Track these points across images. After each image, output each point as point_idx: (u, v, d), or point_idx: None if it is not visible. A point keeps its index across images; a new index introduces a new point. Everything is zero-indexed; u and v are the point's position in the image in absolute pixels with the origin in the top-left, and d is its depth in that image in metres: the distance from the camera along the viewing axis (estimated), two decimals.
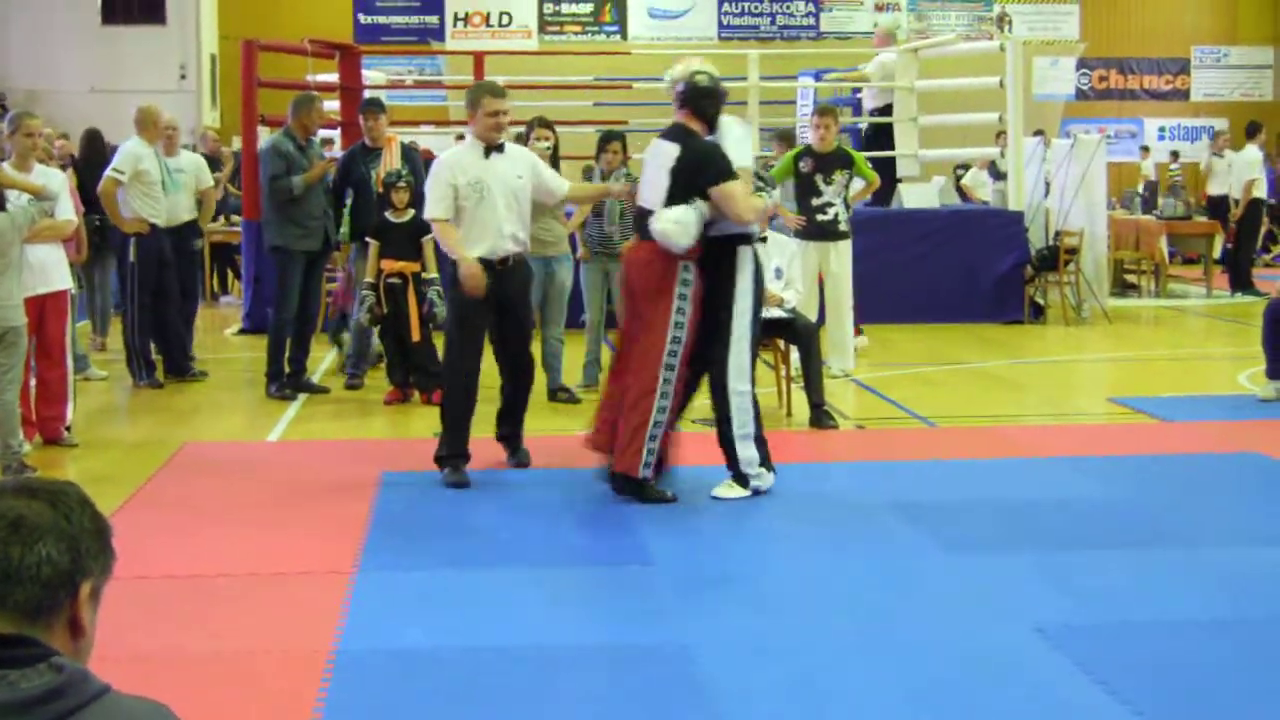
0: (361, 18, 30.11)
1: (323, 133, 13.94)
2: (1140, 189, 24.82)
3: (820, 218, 12.10)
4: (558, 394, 11.20)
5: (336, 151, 14.41)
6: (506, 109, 8.57)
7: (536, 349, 11.05)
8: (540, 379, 11.14)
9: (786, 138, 14.32)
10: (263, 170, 11.64)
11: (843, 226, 12.10)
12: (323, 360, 12.99)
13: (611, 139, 11.71)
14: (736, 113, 16.89)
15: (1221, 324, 17.23)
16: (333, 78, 16.65)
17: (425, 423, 10.55)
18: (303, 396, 11.52)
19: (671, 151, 7.84)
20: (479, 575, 6.68)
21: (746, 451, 7.97)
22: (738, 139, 8.03)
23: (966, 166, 21.66)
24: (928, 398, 11.54)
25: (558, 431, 10.17)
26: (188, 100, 26.00)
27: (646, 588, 6.56)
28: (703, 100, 7.93)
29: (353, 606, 6.18)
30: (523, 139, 11.18)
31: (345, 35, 25.53)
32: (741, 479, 7.99)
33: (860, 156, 12.78)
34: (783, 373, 10.80)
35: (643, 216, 7.91)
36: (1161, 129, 34.36)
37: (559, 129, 11.86)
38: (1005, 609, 6.13)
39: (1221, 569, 6.70)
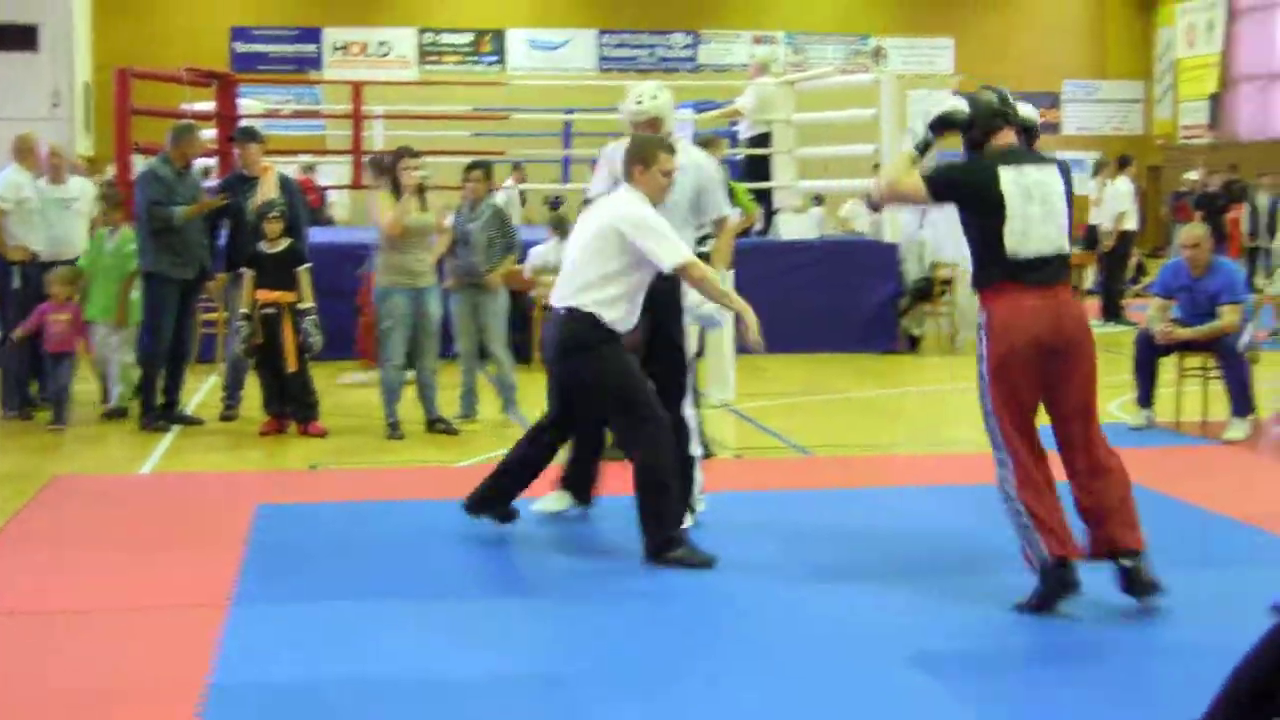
0: (238, 46, 29.93)
1: (201, 162, 13.82)
2: None
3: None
4: (435, 425, 11.16)
5: (213, 181, 14.28)
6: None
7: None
8: (419, 409, 11.14)
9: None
10: (140, 195, 11.49)
11: None
12: (197, 391, 12.87)
13: (474, 167, 11.78)
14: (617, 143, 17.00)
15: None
16: (209, 106, 16.52)
17: (302, 453, 10.49)
18: (177, 428, 11.40)
19: None
20: (355, 607, 6.63)
21: (700, 475, 8.04)
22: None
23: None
24: (804, 427, 11.62)
25: (436, 463, 10.14)
26: (60, 128, 25.66)
27: (523, 618, 6.56)
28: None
29: (226, 640, 6.11)
30: (388, 169, 11.20)
31: (222, 64, 25.36)
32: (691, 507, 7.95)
33: (740, 188, 12.85)
34: None
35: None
36: None
37: (438, 159, 11.88)
38: (875, 637, 6.19)
39: (1087, 596, 6.79)
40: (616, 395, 7.40)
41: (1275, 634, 4.03)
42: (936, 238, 17.44)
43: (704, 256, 8.16)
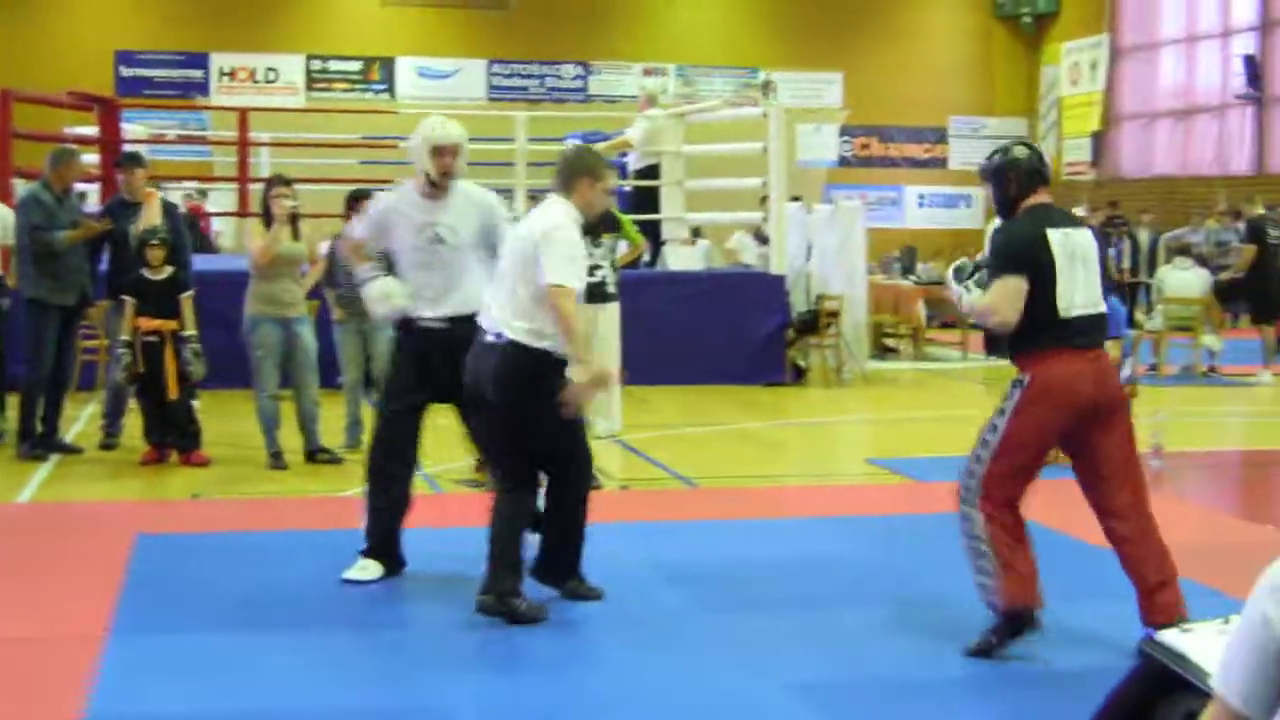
0: (123, 70, 29.63)
1: (79, 186, 13.65)
2: (899, 254, 25.42)
3: (589, 280, 12.00)
4: (317, 455, 11.08)
5: (93, 206, 14.12)
6: None
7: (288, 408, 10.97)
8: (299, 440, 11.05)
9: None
10: (22, 220, 11.33)
11: (610, 289, 12.07)
12: (77, 420, 12.70)
13: (359, 197, 11.49)
14: (504, 174, 17.02)
15: (977, 386, 17.68)
16: (92, 130, 16.35)
17: (183, 483, 10.38)
18: (56, 457, 11.24)
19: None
20: (235, 639, 6.57)
21: None
22: None
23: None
24: (690, 458, 11.65)
25: (319, 493, 10.07)
26: None
27: (402, 651, 6.53)
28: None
29: (104, 672, 6.03)
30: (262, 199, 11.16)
31: (106, 88, 25.08)
32: None
33: (627, 220, 12.85)
34: None
35: None
36: (921, 196, 35.24)
37: (325, 187, 11.81)
38: (757, 667, 6.21)
39: (968, 626, 6.86)
40: (569, 431, 7.10)
41: (1143, 665, 4.09)
42: (823, 270, 17.60)
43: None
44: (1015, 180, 6.54)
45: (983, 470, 6.41)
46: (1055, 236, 6.36)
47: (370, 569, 7.62)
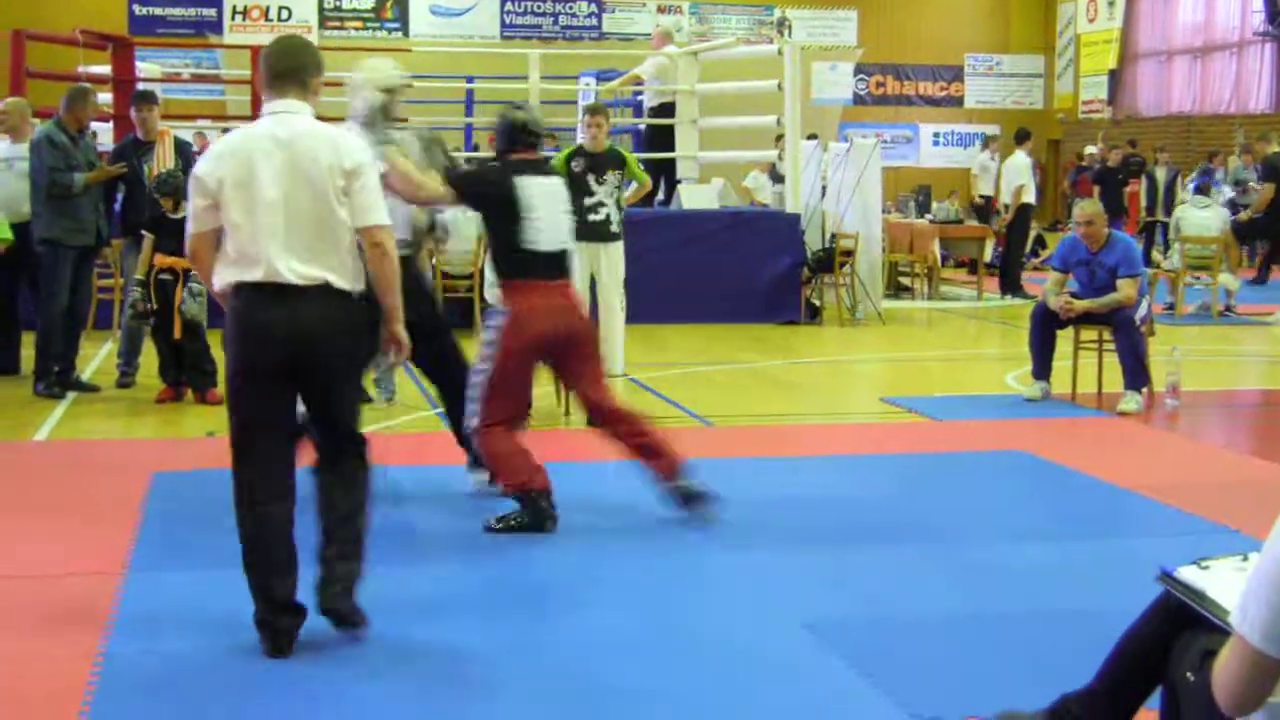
0: (136, 9, 29.55)
1: (93, 125, 13.62)
2: (914, 193, 25.34)
3: (592, 218, 11.87)
4: None
5: (106, 144, 14.10)
6: None
7: None
8: None
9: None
10: (38, 161, 11.29)
11: (614, 228, 11.98)
12: (93, 358, 12.72)
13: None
14: None
15: (991, 326, 17.66)
16: (105, 70, 16.30)
17: (198, 421, 10.40)
18: (72, 395, 11.27)
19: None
20: None
21: None
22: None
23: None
24: (704, 397, 11.65)
25: None
26: None
27: (421, 589, 6.53)
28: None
29: (121, 609, 6.06)
30: None
31: (119, 26, 25.01)
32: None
33: (633, 158, 12.76)
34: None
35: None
36: (936, 134, 35.13)
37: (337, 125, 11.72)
38: (776, 606, 6.22)
39: (984, 564, 6.88)
40: None
41: (1159, 602, 4.09)
42: (838, 208, 17.55)
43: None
44: (505, 136, 7.71)
45: (481, 405, 7.46)
46: (524, 181, 7.51)
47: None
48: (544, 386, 10.25)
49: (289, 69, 5.80)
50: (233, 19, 30.16)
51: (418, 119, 18.26)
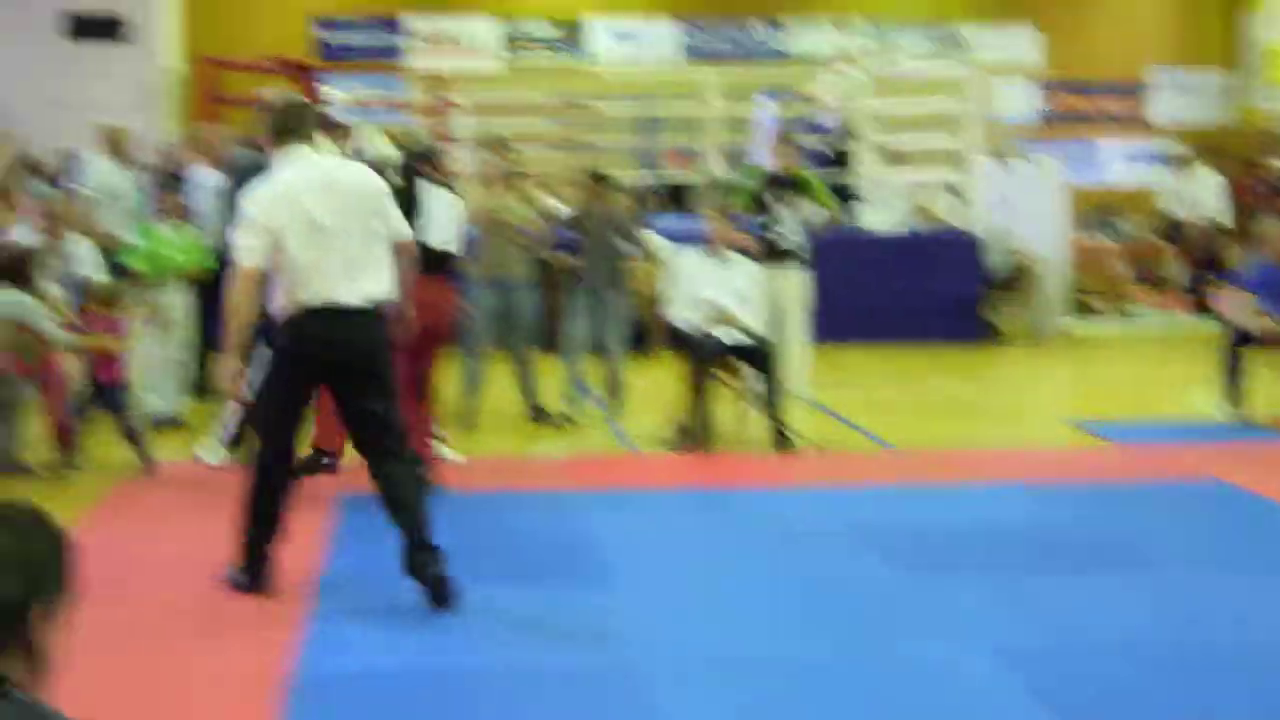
0: (324, 35, 30.10)
1: None
2: (1097, 211, 24.94)
3: (774, 239, 11.89)
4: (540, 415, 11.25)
5: None
6: None
7: None
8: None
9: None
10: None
11: (796, 250, 11.96)
12: None
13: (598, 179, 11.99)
14: (696, 134, 17.02)
15: (1179, 347, 17.31)
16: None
17: None
18: None
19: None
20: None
21: None
22: None
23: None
24: (884, 420, 11.55)
25: (507, 452, 10.14)
26: (148, 119, 25.90)
27: (601, 610, 6.55)
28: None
29: (314, 627, 6.16)
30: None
31: (300, 53, 25.47)
32: None
33: (819, 183, 12.67)
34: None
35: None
36: (1118, 151, 34.58)
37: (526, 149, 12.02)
38: (964, 632, 6.17)
39: (1176, 594, 6.76)
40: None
41: None
42: (1021, 228, 17.35)
43: None
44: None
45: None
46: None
47: None
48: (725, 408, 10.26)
49: (298, 123, 6.64)
50: (414, 44, 30.57)
51: (604, 141, 18.45)
